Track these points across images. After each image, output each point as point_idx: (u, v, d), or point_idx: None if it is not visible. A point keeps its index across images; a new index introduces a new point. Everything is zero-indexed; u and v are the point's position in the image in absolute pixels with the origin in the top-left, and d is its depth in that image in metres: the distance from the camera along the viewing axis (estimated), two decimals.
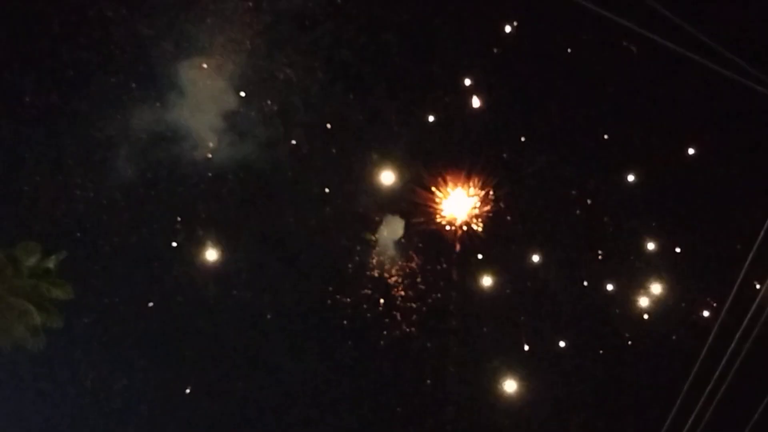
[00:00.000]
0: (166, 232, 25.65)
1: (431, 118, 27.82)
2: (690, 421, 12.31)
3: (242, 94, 26.16)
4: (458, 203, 29.32)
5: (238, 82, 26.13)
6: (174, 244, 25.87)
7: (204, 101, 25.88)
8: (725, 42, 12.63)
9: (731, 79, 12.54)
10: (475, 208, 29.21)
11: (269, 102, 26.45)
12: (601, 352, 26.46)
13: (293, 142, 26.81)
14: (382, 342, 26.98)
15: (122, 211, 25.26)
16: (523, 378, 26.55)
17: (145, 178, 25.39)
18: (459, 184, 29.08)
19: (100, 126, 25.03)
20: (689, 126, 24.93)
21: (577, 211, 28.12)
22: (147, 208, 25.48)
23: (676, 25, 12.49)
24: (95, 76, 24.90)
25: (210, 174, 25.95)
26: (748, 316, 11.17)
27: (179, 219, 25.83)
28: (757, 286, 11.94)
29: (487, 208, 28.97)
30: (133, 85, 25.20)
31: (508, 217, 28.72)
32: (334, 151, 27.18)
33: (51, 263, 21.79)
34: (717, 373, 11.37)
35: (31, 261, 21.54)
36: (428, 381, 27.22)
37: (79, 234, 24.92)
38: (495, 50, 27.18)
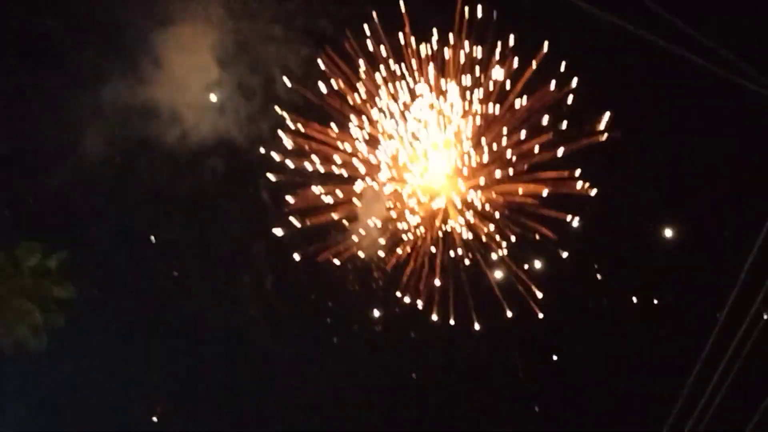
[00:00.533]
0: (145, 217, 25.21)
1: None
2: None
3: (220, 69, 24.86)
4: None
5: (216, 57, 24.88)
6: (152, 239, 25.33)
7: (181, 77, 24.49)
8: (724, 42, 12.64)
9: (731, 80, 12.56)
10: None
11: (248, 77, 24.97)
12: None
13: (272, 118, 25.28)
14: (363, 333, 25.92)
15: (96, 195, 25.03)
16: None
17: (120, 159, 24.97)
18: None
19: (72, 105, 24.32)
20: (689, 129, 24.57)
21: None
22: (123, 191, 25.16)
23: (673, 25, 12.50)
24: (66, 52, 24.27)
25: (188, 153, 24.97)
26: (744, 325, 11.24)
27: (157, 201, 25.22)
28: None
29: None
30: (107, 61, 24.36)
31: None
32: (315, 128, 25.30)
33: (52, 263, 21.89)
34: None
35: (32, 260, 21.63)
36: (413, 375, 25.79)
37: (53, 223, 24.62)
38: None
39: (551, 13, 21.53)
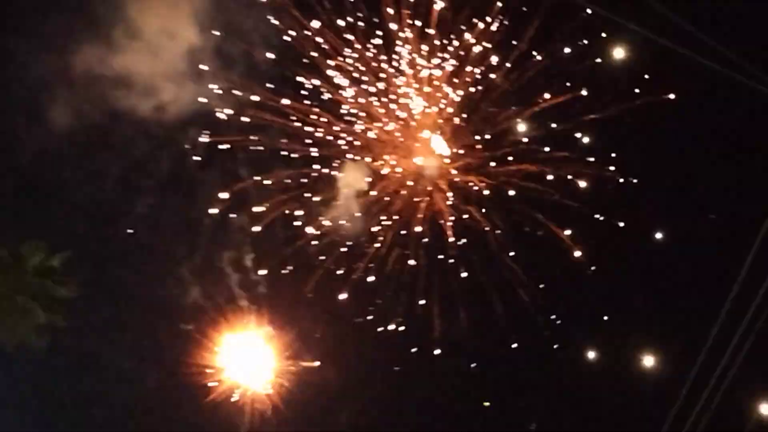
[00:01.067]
0: (121, 190, 24.31)
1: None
2: None
3: (199, 38, 22.17)
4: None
5: (195, 25, 22.32)
6: (130, 231, 24.12)
7: (158, 45, 22.07)
8: (726, 41, 12.74)
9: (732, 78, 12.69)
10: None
11: (229, 49, 22.11)
12: None
13: (254, 92, 22.30)
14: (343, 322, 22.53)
15: (66, 169, 23.84)
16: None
17: (92, 133, 23.56)
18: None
19: (40, 73, 22.66)
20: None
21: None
22: (97, 167, 24.02)
23: (676, 24, 12.62)
24: (35, 16, 22.73)
25: (165, 126, 23.10)
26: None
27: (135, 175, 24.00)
28: None
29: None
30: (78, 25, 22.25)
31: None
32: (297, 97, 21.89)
33: (56, 262, 22.14)
34: None
35: (36, 259, 21.90)
36: (396, 368, 22.51)
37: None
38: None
39: None
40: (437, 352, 19.24)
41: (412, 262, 17.90)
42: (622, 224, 19.94)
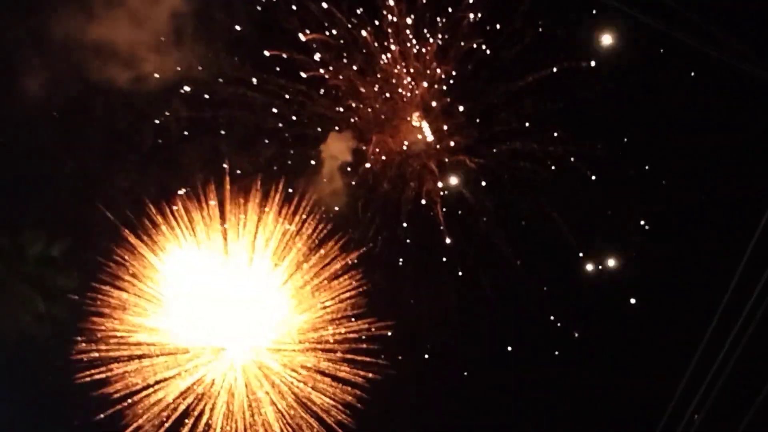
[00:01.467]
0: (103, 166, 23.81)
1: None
2: None
3: (184, 9, 20.78)
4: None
5: None
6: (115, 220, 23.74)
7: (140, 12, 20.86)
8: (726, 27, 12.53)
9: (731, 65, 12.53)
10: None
11: (217, 17, 20.87)
12: None
13: (239, 63, 20.88)
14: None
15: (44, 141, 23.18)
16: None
17: (72, 107, 22.84)
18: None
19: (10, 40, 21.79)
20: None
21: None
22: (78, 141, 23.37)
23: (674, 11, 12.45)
24: None
25: (149, 99, 22.25)
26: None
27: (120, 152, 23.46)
28: None
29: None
30: None
31: None
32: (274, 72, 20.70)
33: (56, 251, 21.92)
34: None
35: (36, 248, 21.70)
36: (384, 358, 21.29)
37: None
38: None
39: None
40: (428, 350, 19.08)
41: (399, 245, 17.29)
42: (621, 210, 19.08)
